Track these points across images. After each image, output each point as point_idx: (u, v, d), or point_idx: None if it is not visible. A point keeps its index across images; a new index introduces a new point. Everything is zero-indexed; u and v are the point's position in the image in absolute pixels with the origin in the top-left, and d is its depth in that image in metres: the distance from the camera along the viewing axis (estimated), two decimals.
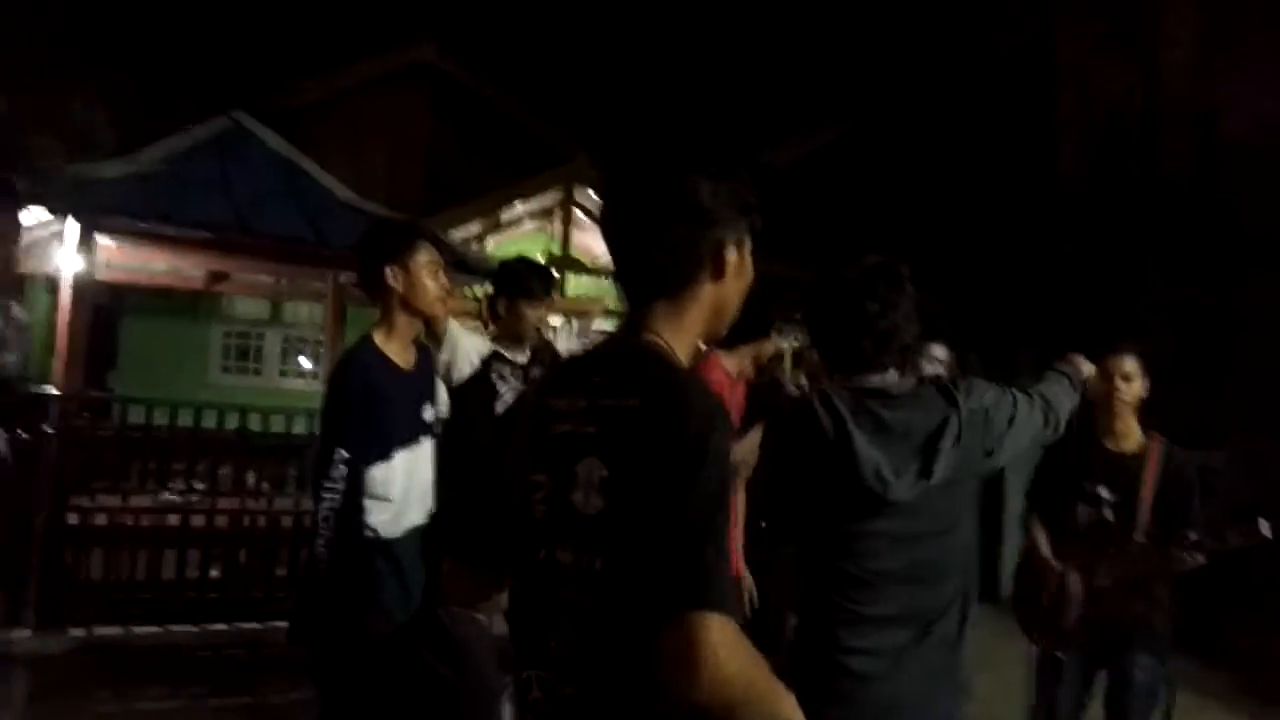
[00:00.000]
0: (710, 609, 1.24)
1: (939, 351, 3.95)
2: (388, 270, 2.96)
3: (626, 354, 1.45)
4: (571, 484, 1.39)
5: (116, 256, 7.42)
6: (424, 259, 3.01)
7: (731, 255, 1.49)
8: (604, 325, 9.06)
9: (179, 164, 7.08)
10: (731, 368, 3.73)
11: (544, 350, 3.88)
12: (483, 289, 3.96)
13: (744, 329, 3.52)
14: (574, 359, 1.70)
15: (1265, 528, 3.23)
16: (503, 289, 3.78)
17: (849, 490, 2.11)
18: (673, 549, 1.27)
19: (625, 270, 1.52)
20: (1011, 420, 2.21)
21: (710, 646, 1.23)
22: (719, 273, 1.48)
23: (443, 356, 3.48)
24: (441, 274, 3.07)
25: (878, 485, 2.07)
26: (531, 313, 3.71)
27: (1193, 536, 3.28)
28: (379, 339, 3.00)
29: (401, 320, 3.02)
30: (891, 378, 2.20)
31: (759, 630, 3.14)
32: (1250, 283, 7.63)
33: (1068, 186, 9.97)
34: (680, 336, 1.48)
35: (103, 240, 6.59)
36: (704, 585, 1.26)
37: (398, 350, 3.02)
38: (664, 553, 1.27)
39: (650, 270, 1.47)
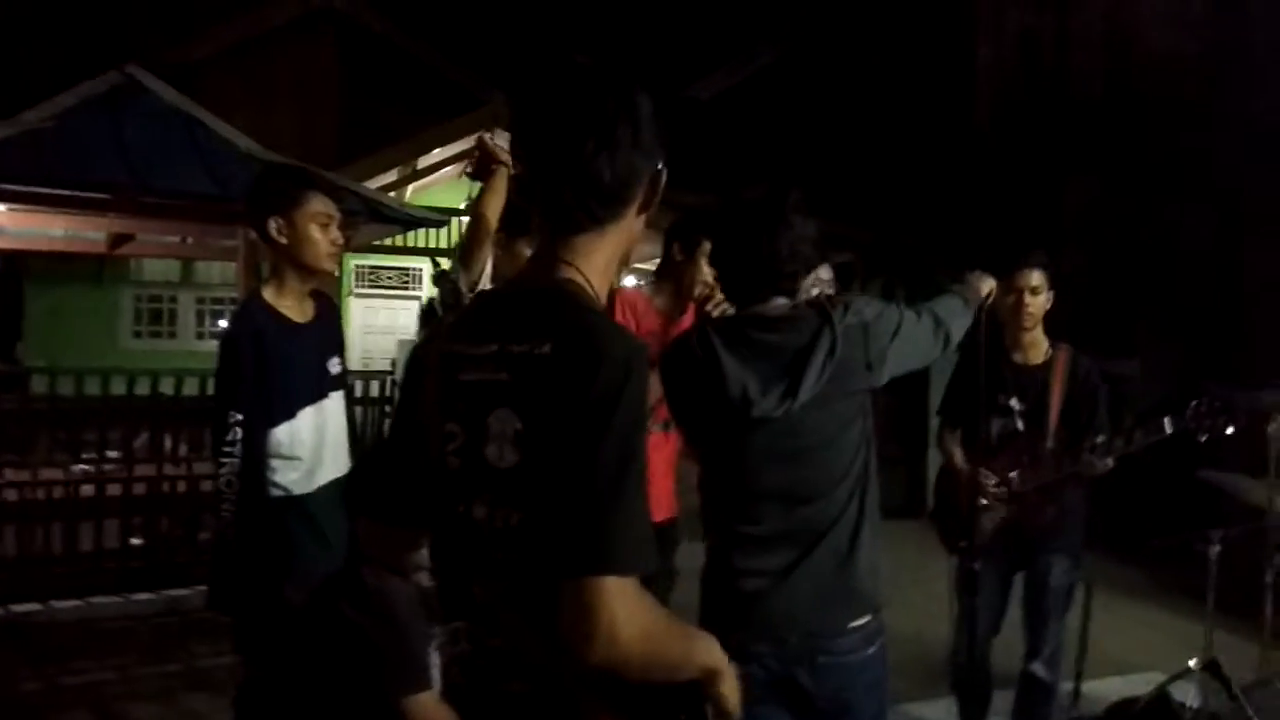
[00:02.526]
0: (608, 572, 1.20)
1: (824, 273, 3.93)
2: (271, 223, 2.80)
3: (539, 294, 1.36)
4: (485, 436, 1.32)
5: (9, 222, 7.11)
6: (311, 210, 2.83)
7: (660, 186, 1.42)
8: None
9: (68, 122, 6.72)
10: (659, 305, 3.37)
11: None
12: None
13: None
14: (484, 300, 1.62)
15: (1168, 424, 3.33)
16: (502, 224, 3.37)
17: (720, 411, 2.13)
18: (576, 507, 1.22)
19: (554, 194, 1.36)
20: (896, 333, 2.21)
21: (606, 611, 1.19)
22: (647, 203, 1.41)
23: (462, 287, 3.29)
24: (334, 227, 2.89)
25: (742, 404, 2.10)
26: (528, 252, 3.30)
27: (1099, 440, 3.37)
28: (269, 295, 2.87)
29: (290, 274, 2.88)
30: (774, 304, 2.20)
31: None
32: (1163, 197, 7.78)
33: (985, 111, 10.05)
34: (599, 270, 1.39)
35: None
36: (604, 546, 1.21)
37: (291, 305, 2.89)
38: (567, 511, 1.23)
39: (589, 196, 1.35)
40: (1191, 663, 3.70)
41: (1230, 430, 3.31)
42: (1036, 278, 3.55)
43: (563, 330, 1.29)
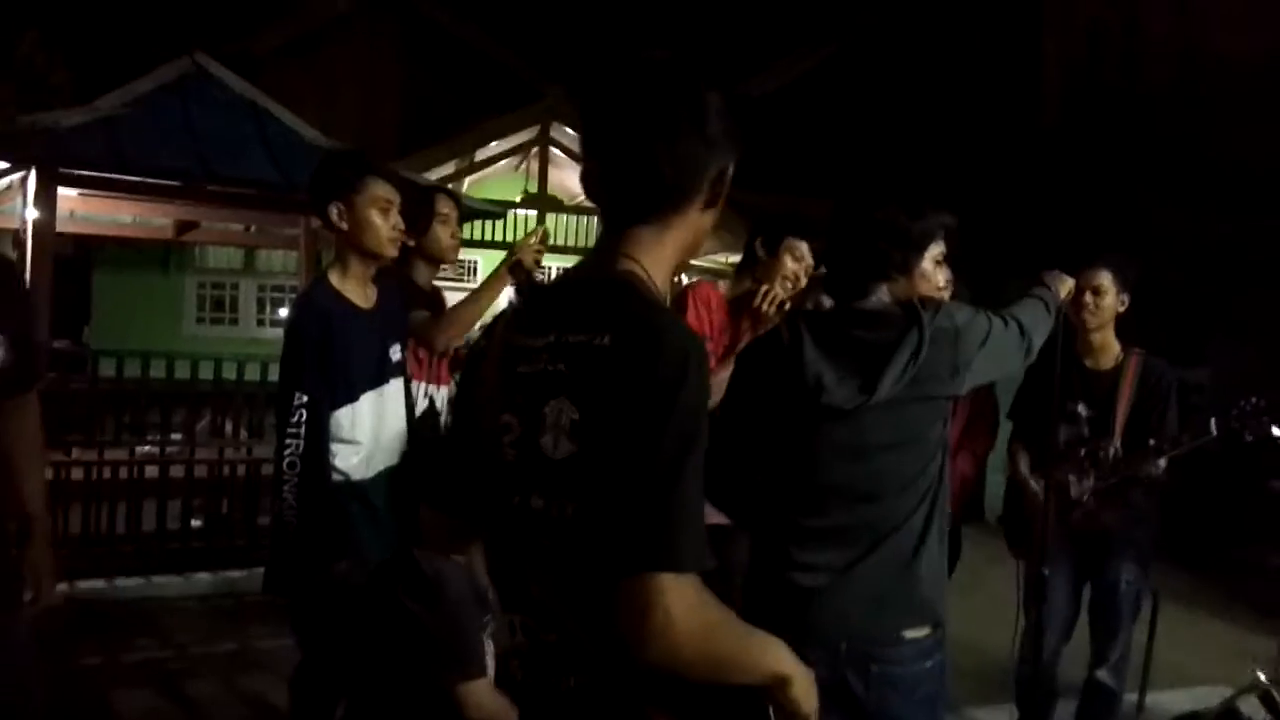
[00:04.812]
0: (668, 569, 1.18)
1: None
2: (332, 208, 2.82)
3: (600, 285, 1.34)
4: (540, 427, 1.30)
5: (81, 207, 7.28)
6: (372, 195, 2.85)
7: (726, 183, 1.39)
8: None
9: (139, 109, 6.87)
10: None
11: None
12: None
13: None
14: (544, 290, 1.61)
15: (1213, 425, 3.25)
16: None
17: (792, 398, 2.12)
18: (635, 502, 1.20)
19: (616, 185, 1.37)
20: (985, 341, 2.16)
21: (663, 609, 1.17)
22: (713, 199, 1.38)
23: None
24: (394, 212, 2.90)
25: (814, 390, 2.08)
26: None
27: (1152, 443, 3.30)
28: (334, 279, 2.88)
29: (354, 260, 2.89)
30: (869, 301, 2.17)
31: None
32: (1237, 204, 7.56)
33: (1053, 112, 9.84)
34: (661, 264, 1.37)
35: (65, 191, 6.44)
36: (663, 543, 1.19)
37: (355, 289, 2.90)
38: (626, 506, 1.20)
39: (649, 187, 1.34)
40: (1261, 676, 3.59)
41: (1277, 432, 3.21)
42: (1101, 277, 3.46)
43: (622, 322, 1.27)
